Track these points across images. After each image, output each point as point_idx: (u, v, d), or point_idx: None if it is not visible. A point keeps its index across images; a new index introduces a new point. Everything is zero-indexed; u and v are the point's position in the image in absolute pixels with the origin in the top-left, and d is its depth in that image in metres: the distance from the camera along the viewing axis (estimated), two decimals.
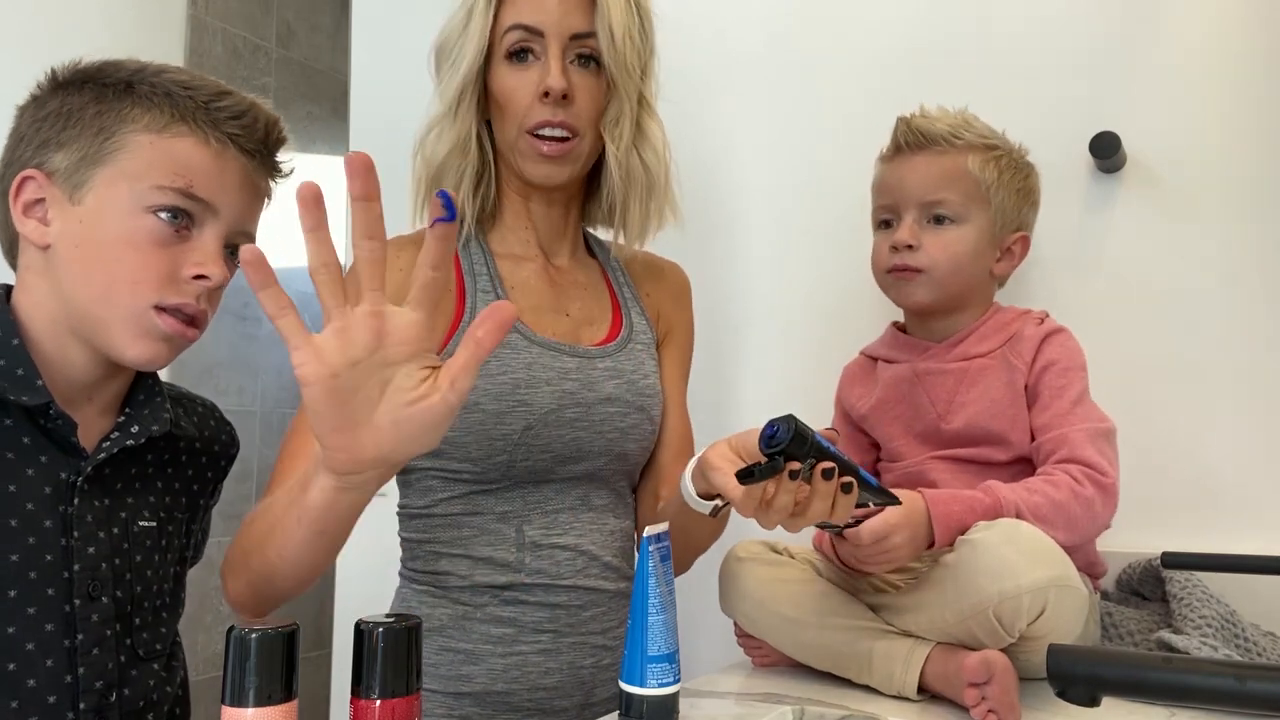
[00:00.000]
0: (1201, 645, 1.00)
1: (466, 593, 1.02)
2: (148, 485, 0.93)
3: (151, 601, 0.90)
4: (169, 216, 0.85)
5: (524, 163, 1.04)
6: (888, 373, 1.18)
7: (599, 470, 1.06)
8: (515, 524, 1.02)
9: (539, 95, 1.00)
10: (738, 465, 0.82)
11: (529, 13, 1.00)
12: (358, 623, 0.65)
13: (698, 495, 0.88)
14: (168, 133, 0.86)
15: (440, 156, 1.04)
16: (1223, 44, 1.28)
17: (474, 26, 1.00)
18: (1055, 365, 1.07)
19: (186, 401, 1.02)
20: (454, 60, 1.02)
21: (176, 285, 0.86)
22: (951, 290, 1.12)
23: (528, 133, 1.01)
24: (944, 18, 1.43)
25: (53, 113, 0.86)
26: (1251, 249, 1.24)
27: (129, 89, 0.87)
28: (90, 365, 0.88)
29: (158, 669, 0.90)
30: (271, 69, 2.73)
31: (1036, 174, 1.17)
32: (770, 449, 0.79)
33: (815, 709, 0.90)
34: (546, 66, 1.00)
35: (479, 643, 1.01)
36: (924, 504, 0.94)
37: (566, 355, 1.05)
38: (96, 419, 0.89)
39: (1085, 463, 0.99)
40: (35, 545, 0.81)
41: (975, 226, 1.11)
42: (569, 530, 1.04)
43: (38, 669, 0.81)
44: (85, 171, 0.85)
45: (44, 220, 0.85)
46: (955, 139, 1.11)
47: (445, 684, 1.01)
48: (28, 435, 0.83)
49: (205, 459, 1.00)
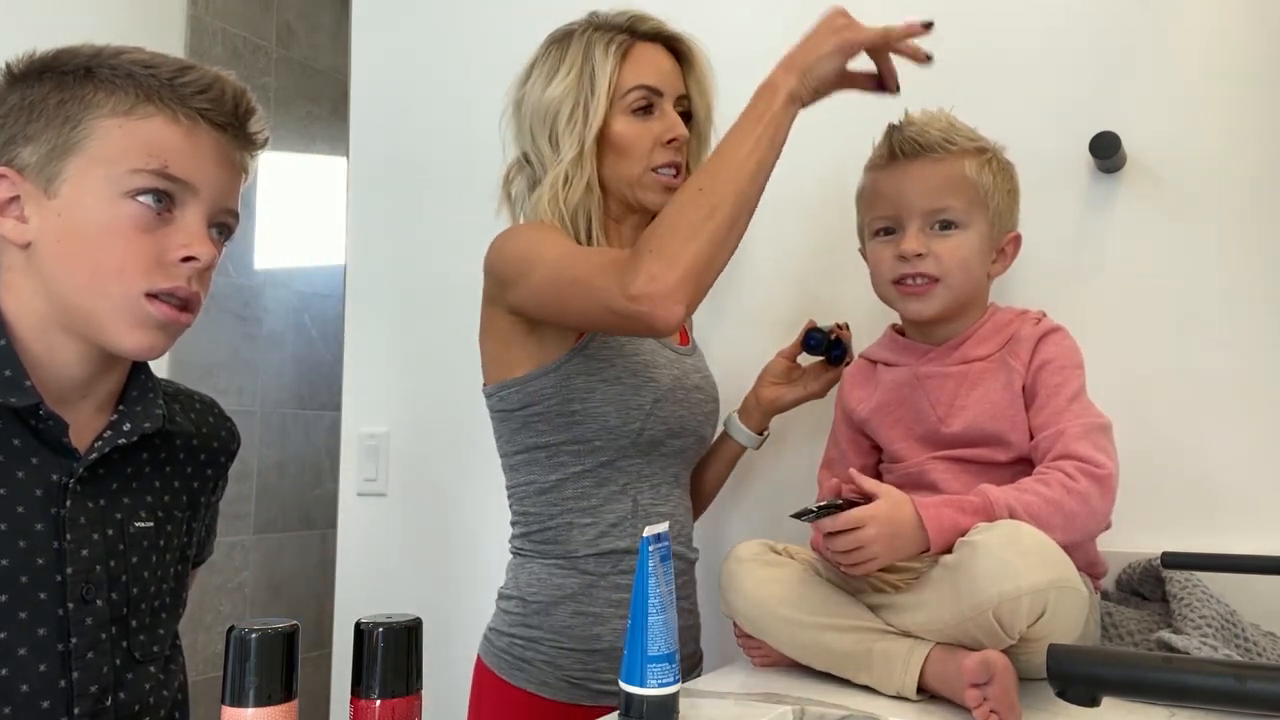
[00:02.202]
0: (1201, 645, 0.99)
1: (592, 560, 1.16)
2: (144, 484, 0.92)
3: (149, 603, 0.89)
4: (150, 199, 0.83)
5: (647, 194, 1.21)
6: (888, 376, 1.18)
7: (688, 449, 1.25)
8: (631, 495, 1.18)
9: (662, 141, 1.20)
10: (776, 385, 1.33)
11: (651, 76, 1.20)
12: (358, 623, 0.65)
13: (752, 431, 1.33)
14: (135, 114, 0.84)
15: (577, 197, 1.17)
16: (1223, 44, 1.28)
17: (600, 87, 1.17)
18: (1051, 364, 1.07)
19: (184, 398, 1.00)
20: (580, 117, 1.17)
21: (165, 269, 0.84)
22: (961, 296, 1.12)
23: (652, 170, 1.20)
24: (944, 19, 1.43)
25: (14, 107, 0.84)
26: (1251, 249, 1.24)
27: (89, 74, 0.84)
28: (83, 362, 0.86)
29: (154, 672, 0.89)
30: (271, 69, 2.73)
31: (1016, 173, 1.17)
32: (820, 350, 1.31)
33: (815, 709, 0.90)
34: (669, 119, 1.20)
35: (604, 607, 1.16)
36: (911, 506, 0.94)
37: (668, 349, 1.25)
38: (92, 417, 0.88)
39: (1079, 457, 0.99)
40: (26, 549, 0.80)
41: (977, 231, 1.11)
42: (667, 500, 1.22)
43: (30, 674, 0.79)
44: (57, 163, 0.83)
45: (21, 218, 0.83)
46: (949, 144, 1.11)
47: (579, 643, 1.15)
48: (18, 437, 0.82)
49: (205, 455, 0.99)
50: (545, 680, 1.15)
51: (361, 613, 0.68)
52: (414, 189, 1.88)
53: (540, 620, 1.16)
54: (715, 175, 1.01)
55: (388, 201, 1.90)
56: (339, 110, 2.81)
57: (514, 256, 1.14)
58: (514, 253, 1.14)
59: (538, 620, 1.16)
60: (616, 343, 1.17)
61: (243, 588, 2.61)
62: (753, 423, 1.33)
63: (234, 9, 2.59)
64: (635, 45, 1.21)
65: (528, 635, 1.16)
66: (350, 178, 1.94)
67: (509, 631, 1.18)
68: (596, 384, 1.15)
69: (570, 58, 1.19)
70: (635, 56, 1.20)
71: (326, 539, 2.65)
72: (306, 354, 2.83)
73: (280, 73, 2.75)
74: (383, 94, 1.92)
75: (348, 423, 1.89)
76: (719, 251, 1.00)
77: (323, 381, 2.84)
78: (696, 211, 0.99)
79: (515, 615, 1.18)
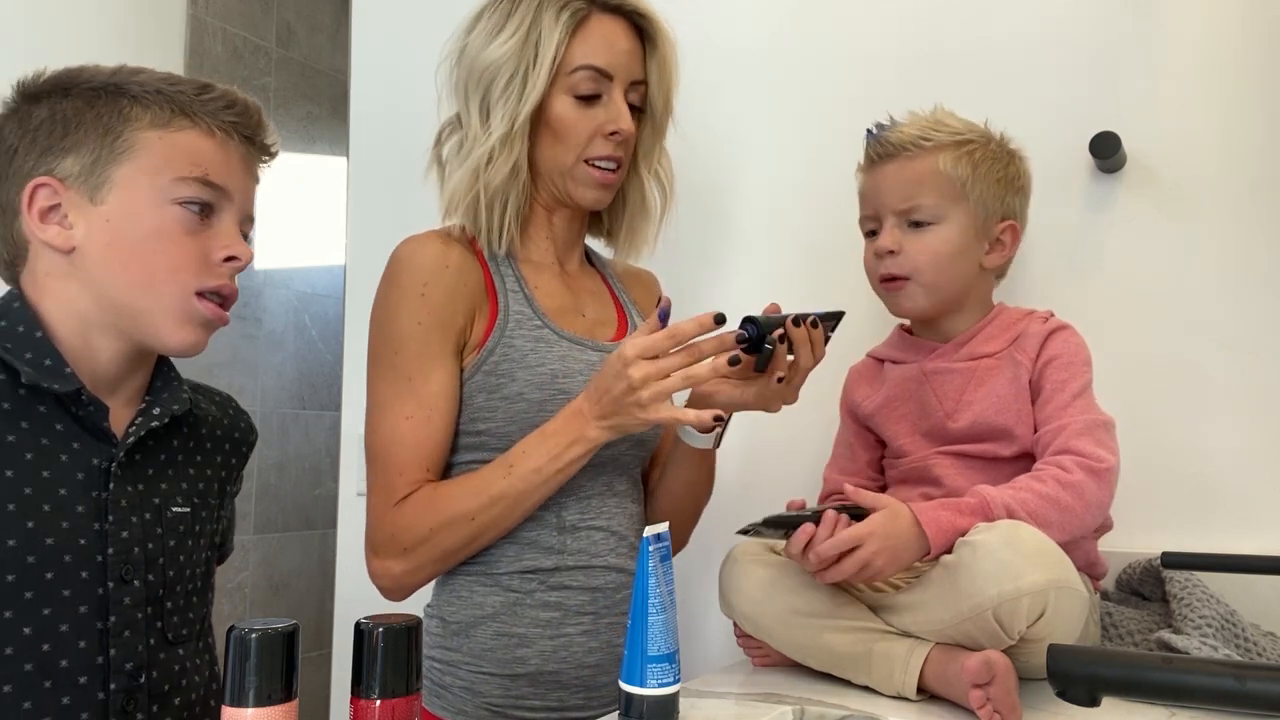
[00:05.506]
0: (1201, 645, 0.99)
1: (516, 579, 1.08)
2: (179, 471, 0.96)
3: (184, 585, 0.93)
4: (194, 206, 0.90)
5: (577, 187, 1.11)
6: (895, 372, 1.19)
7: (621, 456, 1.13)
8: (555, 510, 1.08)
9: (604, 133, 1.09)
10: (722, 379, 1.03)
11: (602, 56, 1.08)
12: (358, 623, 0.65)
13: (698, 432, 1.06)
14: (172, 127, 0.90)
15: (499, 180, 1.08)
16: (1222, 44, 1.28)
17: (543, 60, 1.05)
18: (1057, 360, 1.08)
19: (205, 390, 1.06)
20: (516, 90, 1.07)
21: (210, 269, 0.91)
22: (944, 291, 1.13)
23: (585, 161, 1.10)
24: (944, 18, 1.43)
25: (44, 121, 0.88)
26: (1251, 249, 1.24)
27: (119, 90, 0.90)
28: (116, 358, 0.91)
29: (185, 654, 0.92)
30: (271, 69, 2.73)
31: (1021, 159, 1.17)
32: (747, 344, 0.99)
33: (815, 709, 0.90)
34: (615, 108, 1.09)
35: (529, 627, 1.07)
36: (909, 514, 0.94)
37: (590, 350, 1.13)
38: (122, 409, 0.92)
39: (1078, 452, 0.99)
40: (69, 530, 0.84)
41: (955, 224, 1.11)
42: (600, 514, 1.11)
43: (71, 650, 0.84)
44: (102, 172, 0.88)
45: (64, 225, 0.88)
46: (924, 142, 1.11)
47: (501, 667, 1.07)
48: (60, 422, 0.87)
49: (228, 445, 1.03)
50: (463, 709, 1.06)
51: (361, 613, 0.68)
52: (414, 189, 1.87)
53: (459, 642, 1.08)
54: (491, 507, 1.03)
55: (388, 201, 1.90)
56: (339, 110, 2.81)
57: (370, 336, 1.10)
58: (372, 337, 1.10)
59: (456, 642, 1.08)
60: (518, 353, 1.07)
61: (243, 588, 2.61)
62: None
63: (234, 9, 2.59)
64: (593, 16, 1.08)
65: (446, 659, 1.08)
66: (350, 178, 1.94)
67: (428, 654, 1.10)
68: (498, 402, 1.07)
69: (519, 16, 1.07)
70: (590, 29, 1.08)
71: (326, 539, 2.65)
72: (306, 354, 2.82)
73: (280, 73, 2.75)
74: (383, 94, 1.91)
75: (348, 423, 1.89)
76: (459, 561, 1.08)
77: (323, 381, 2.84)
78: (457, 538, 1.04)
79: (434, 636, 1.10)
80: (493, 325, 1.09)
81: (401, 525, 1.04)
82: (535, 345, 1.09)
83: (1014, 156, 1.16)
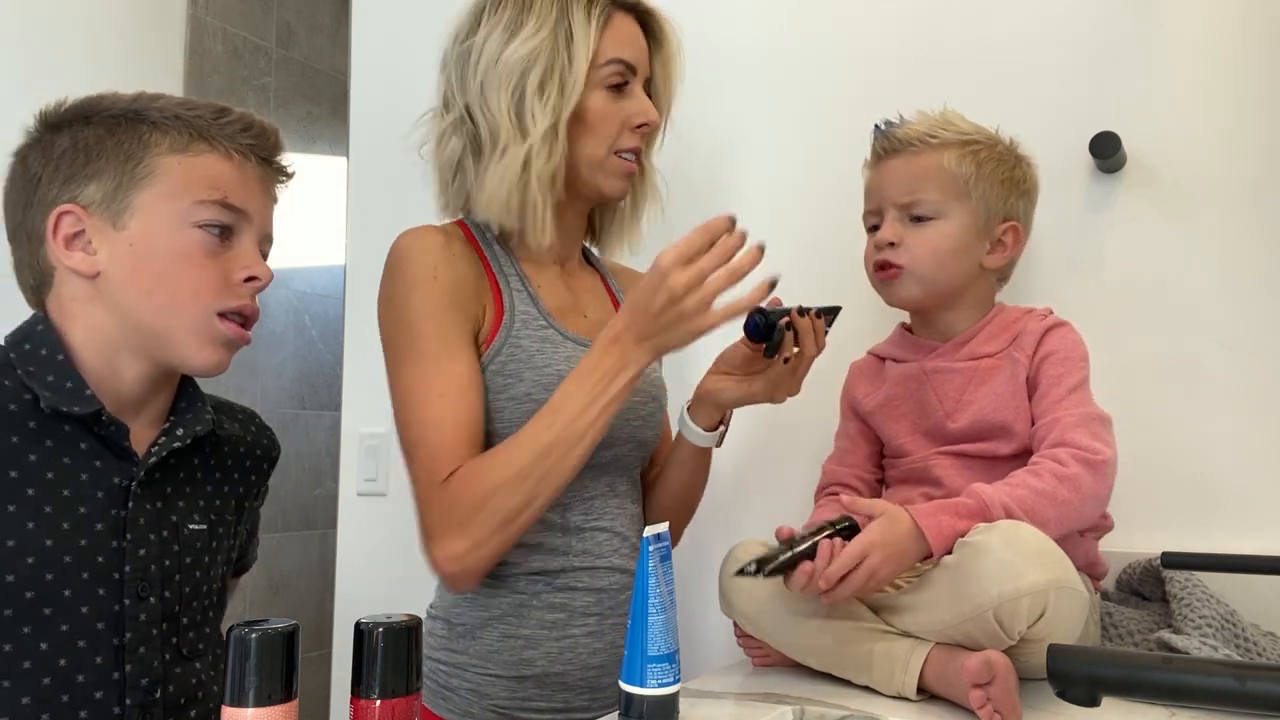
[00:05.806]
0: (1201, 645, 0.99)
1: (523, 580, 1.08)
2: (197, 489, 0.97)
3: (200, 601, 0.94)
4: (214, 228, 0.91)
5: (606, 179, 1.12)
6: (895, 371, 1.19)
7: (623, 457, 1.14)
8: (559, 511, 1.09)
9: (632, 125, 1.11)
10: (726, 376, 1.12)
11: (627, 50, 1.11)
12: (358, 623, 0.65)
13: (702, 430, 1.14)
14: (191, 151, 0.91)
15: (546, 177, 1.07)
16: (1222, 44, 1.28)
17: (580, 55, 1.07)
18: (1054, 355, 1.08)
19: (227, 409, 1.07)
20: (555, 87, 1.06)
21: (231, 290, 0.93)
22: (940, 285, 1.13)
23: (615, 154, 1.12)
24: (944, 18, 1.43)
25: (66, 149, 0.90)
26: (1251, 248, 1.24)
27: (139, 116, 0.91)
28: (140, 379, 0.92)
29: (200, 668, 0.93)
30: (271, 69, 2.73)
31: (1028, 164, 1.17)
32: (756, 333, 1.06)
33: (815, 709, 0.90)
34: (642, 101, 1.12)
35: (536, 628, 1.07)
36: (908, 518, 0.93)
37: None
38: (145, 429, 0.94)
39: (1074, 445, 0.99)
40: (87, 547, 0.85)
41: (956, 221, 1.12)
42: (603, 515, 1.12)
43: (88, 665, 0.85)
44: (124, 198, 0.89)
45: (89, 251, 0.89)
46: (930, 139, 1.12)
47: (508, 668, 1.07)
48: (85, 441, 0.88)
49: (250, 462, 1.05)
50: (469, 711, 1.06)
51: (361, 613, 0.68)
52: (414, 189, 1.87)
53: (465, 644, 1.08)
54: (544, 459, 0.98)
55: (388, 201, 1.90)
56: (339, 110, 2.81)
57: (384, 331, 1.08)
58: (386, 330, 1.08)
59: (462, 644, 1.08)
60: (525, 353, 1.07)
61: (243, 588, 2.59)
62: (702, 418, 1.15)
63: (234, 9, 2.59)
64: (615, 13, 1.11)
65: (452, 661, 1.08)
66: (350, 178, 1.94)
67: (433, 656, 1.10)
68: (505, 403, 1.06)
69: (539, 14, 1.07)
70: (614, 25, 1.10)
71: (326, 539, 2.65)
72: (306, 354, 2.82)
73: (280, 73, 2.75)
74: (383, 94, 1.91)
75: (348, 423, 1.89)
76: (523, 529, 1.01)
77: (323, 381, 2.84)
78: (515, 498, 0.98)
79: (439, 638, 1.10)
80: (499, 323, 1.09)
81: (452, 499, 0.99)
82: (542, 346, 1.09)
83: (1021, 160, 1.16)
